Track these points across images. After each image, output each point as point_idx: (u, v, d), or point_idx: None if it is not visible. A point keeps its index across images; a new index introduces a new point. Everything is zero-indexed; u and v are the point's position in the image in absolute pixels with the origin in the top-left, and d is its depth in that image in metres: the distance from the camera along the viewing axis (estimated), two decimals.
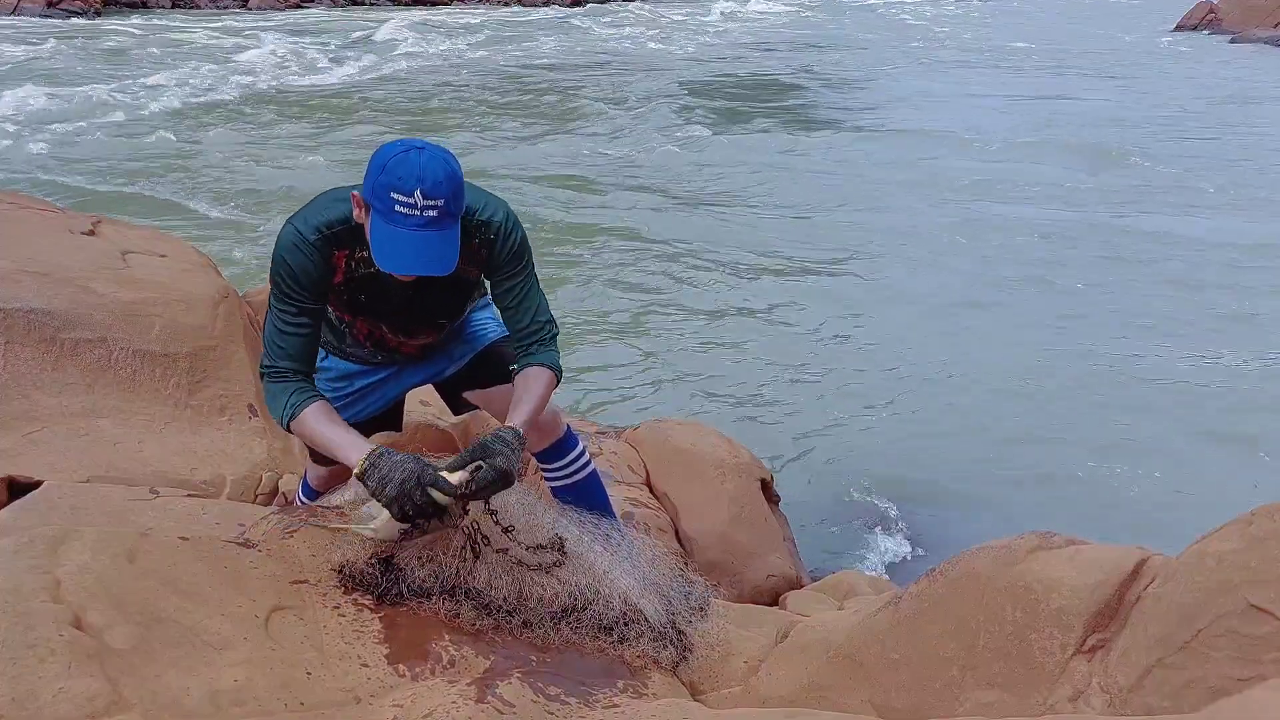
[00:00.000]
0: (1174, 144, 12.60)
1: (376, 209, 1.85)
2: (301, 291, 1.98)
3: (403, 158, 1.84)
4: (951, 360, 6.15)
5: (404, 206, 1.82)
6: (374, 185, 1.85)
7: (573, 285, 7.32)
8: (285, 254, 1.97)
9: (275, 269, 1.98)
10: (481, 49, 20.69)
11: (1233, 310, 6.92)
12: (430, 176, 1.83)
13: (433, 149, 1.87)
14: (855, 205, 9.64)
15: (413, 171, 1.82)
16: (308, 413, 2.00)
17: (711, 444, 3.46)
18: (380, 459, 1.89)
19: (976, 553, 1.86)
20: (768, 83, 17.51)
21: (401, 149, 1.86)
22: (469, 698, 1.65)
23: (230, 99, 14.33)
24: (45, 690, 1.40)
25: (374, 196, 1.85)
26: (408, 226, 1.83)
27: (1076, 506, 4.62)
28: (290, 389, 2.01)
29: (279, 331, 2.01)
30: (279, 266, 1.98)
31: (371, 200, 1.86)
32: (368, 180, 1.87)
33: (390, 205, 1.83)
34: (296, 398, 2.01)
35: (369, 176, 1.87)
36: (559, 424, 2.41)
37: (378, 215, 1.85)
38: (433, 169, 1.84)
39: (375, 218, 1.86)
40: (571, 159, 11.37)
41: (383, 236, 1.85)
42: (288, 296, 1.99)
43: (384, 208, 1.84)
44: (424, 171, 1.83)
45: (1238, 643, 1.44)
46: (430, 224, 1.84)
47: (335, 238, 1.99)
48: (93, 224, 3.56)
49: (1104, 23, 28.58)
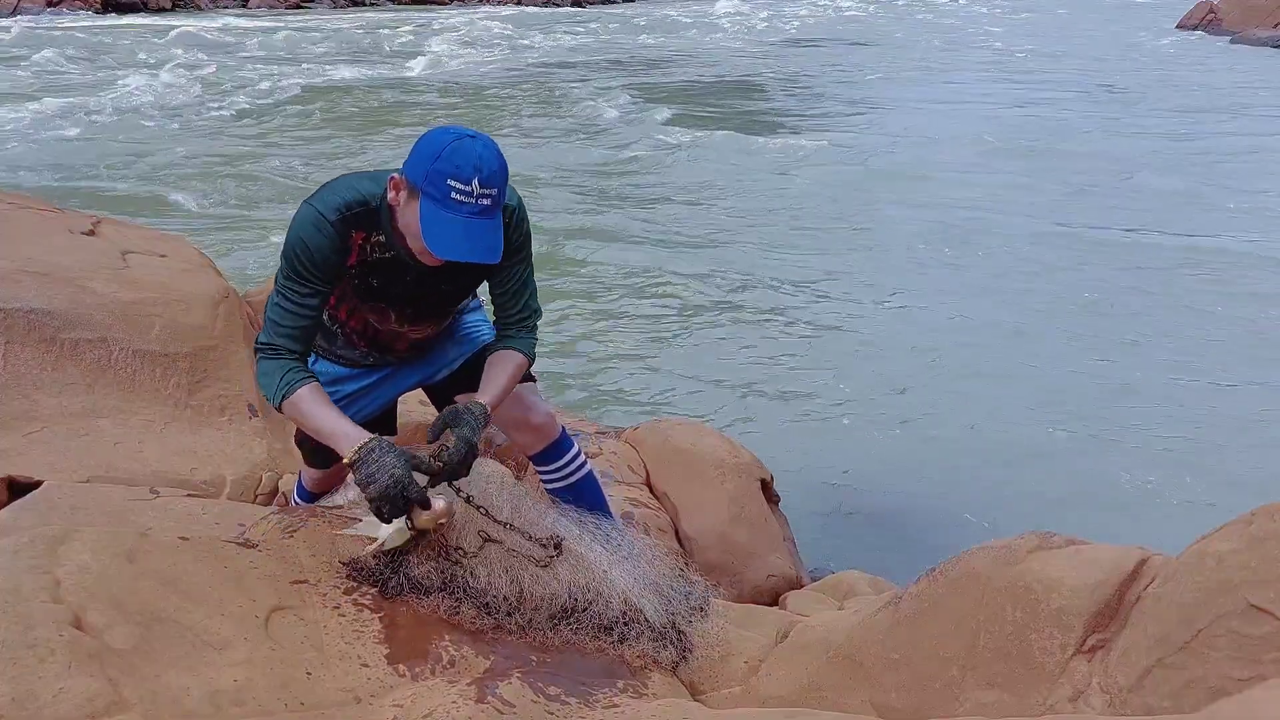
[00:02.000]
0: (1178, 147, 12.60)
1: (430, 195, 1.86)
2: (314, 271, 1.99)
3: (458, 145, 1.85)
4: (951, 361, 6.15)
5: (460, 194, 1.84)
6: (428, 171, 1.85)
7: (573, 285, 7.32)
8: (303, 233, 1.97)
9: (291, 247, 1.98)
10: (483, 49, 20.69)
11: (1233, 312, 6.92)
12: (487, 165, 1.85)
13: (484, 138, 1.90)
14: (856, 205, 9.64)
15: (470, 160, 1.84)
16: (303, 392, 1.99)
17: (711, 444, 3.46)
18: (370, 453, 1.89)
19: (976, 553, 1.86)
20: (767, 83, 17.51)
21: (455, 136, 1.87)
22: (469, 698, 1.65)
23: (230, 99, 14.33)
24: (45, 690, 1.40)
25: (427, 182, 1.85)
26: (462, 214, 1.85)
27: (1076, 507, 4.62)
28: (286, 367, 2.01)
29: (282, 310, 2.01)
30: (295, 245, 1.98)
31: (424, 185, 1.86)
32: (418, 165, 1.88)
33: (446, 192, 1.84)
34: (292, 376, 2.00)
35: (420, 161, 1.87)
36: (555, 426, 2.41)
37: (431, 201, 1.86)
38: (488, 158, 1.86)
39: (427, 203, 1.87)
40: (571, 159, 11.37)
41: (436, 222, 1.86)
42: (300, 276, 1.99)
43: (439, 194, 1.85)
44: (480, 160, 1.85)
45: (1238, 643, 1.44)
46: (483, 212, 1.87)
47: (354, 219, 1.99)
48: (93, 224, 3.57)
49: (1103, 23, 28.58)
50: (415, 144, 1.92)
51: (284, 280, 2.01)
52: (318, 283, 2.00)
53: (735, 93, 16.33)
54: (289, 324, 2.02)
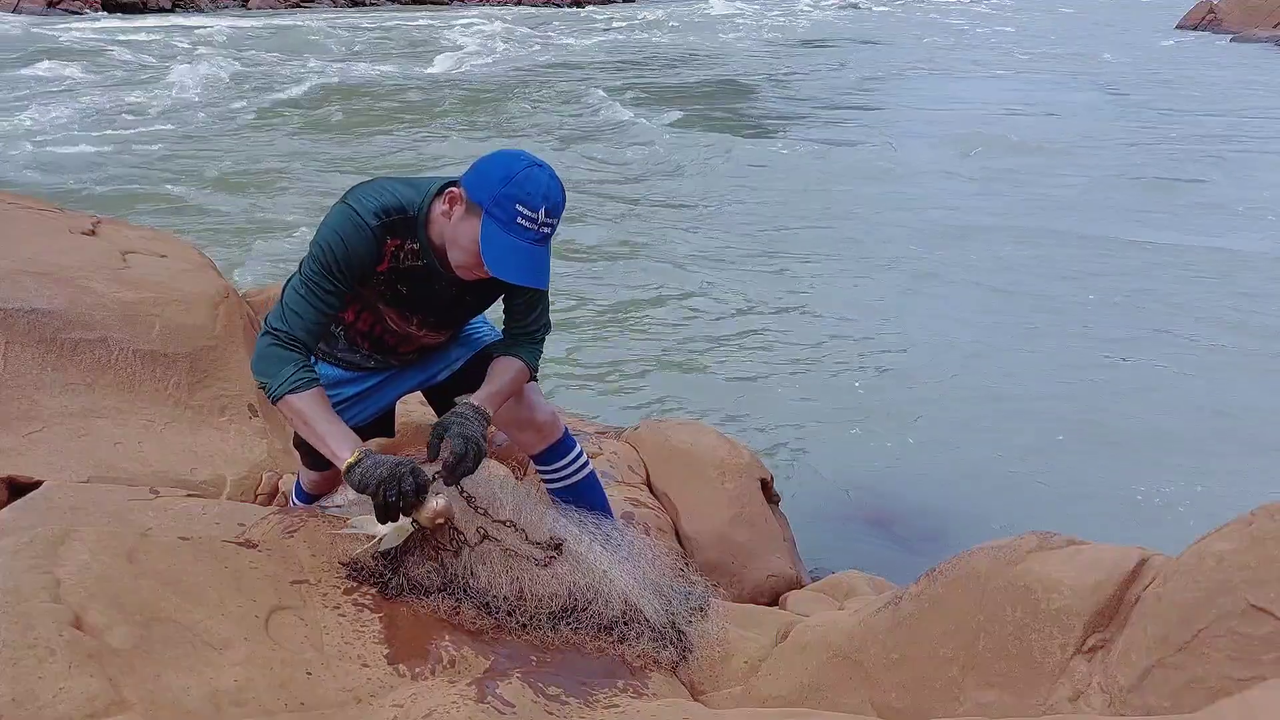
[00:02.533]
0: (1179, 148, 12.60)
1: (495, 216, 1.90)
2: (346, 271, 1.99)
3: (530, 173, 1.91)
4: (952, 361, 6.15)
5: (526, 220, 1.90)
6: (497, 194, 1.90)
7: (573, 285, 7.32)
8: (341, 232, 1.98)
9: (326, 242, 1.98)
10: (484, 49, 20.69)
11: (1230, 314, 6.92)
12: (554, 196, 1.93)
13: (549, 168, 1.96)
14: (857, 207, 9.64)
15: (539, 189, 1.91)
16: (307, 395, 1.97)
17: (711, 444, 3.46)
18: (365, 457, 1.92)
19: (976, 553, 1.86)
20: (767, 82, 17.51)
21: (527, 164, 1.93)
22: (469, 698, 1.65)
23: (231, 99, 14.33)
24: (45, 690, 1.40)
25: (494, 204, 1.90)
26: (525, 239, 1.91)
27: (1077, 506, 4.62)
28: (295, 363, 1.98)
29: (303, 300, 1.99)
30: (331, 242, 1.97)
31: (490, 206, 1.91)
32: (484, 185, 1.92)
33: (513, 216, 1.89)
34: (300, 374, 1.97)
35: (487, 183, 1.92)
36: (556, 426, 2.41)
37: (494, 222, 1.91)
38: (554, 189, 1.93)
39: (491, 223, 1.91)
40: (571, 159, 11.37)
41: (498, 244, 1.91)
42: (329, 273, 1.98)
43: (505, 217, 1.90)
44: (549, 190, 1.92)
45: (1238, 643, 1.44)
46: (543, 240, 1.93)
47: (392, 225, 2.01)
48: (93, 224, 3.57)
49: (1103, 23, 28.57)
50: (481, 163, 1.97)
51: (312, 273, 2.00)
52: (345, 283, 2.01)
53: (735, 92, 16.33)
54: (308, 317, 2.00)
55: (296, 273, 2.05)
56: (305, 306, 2.00)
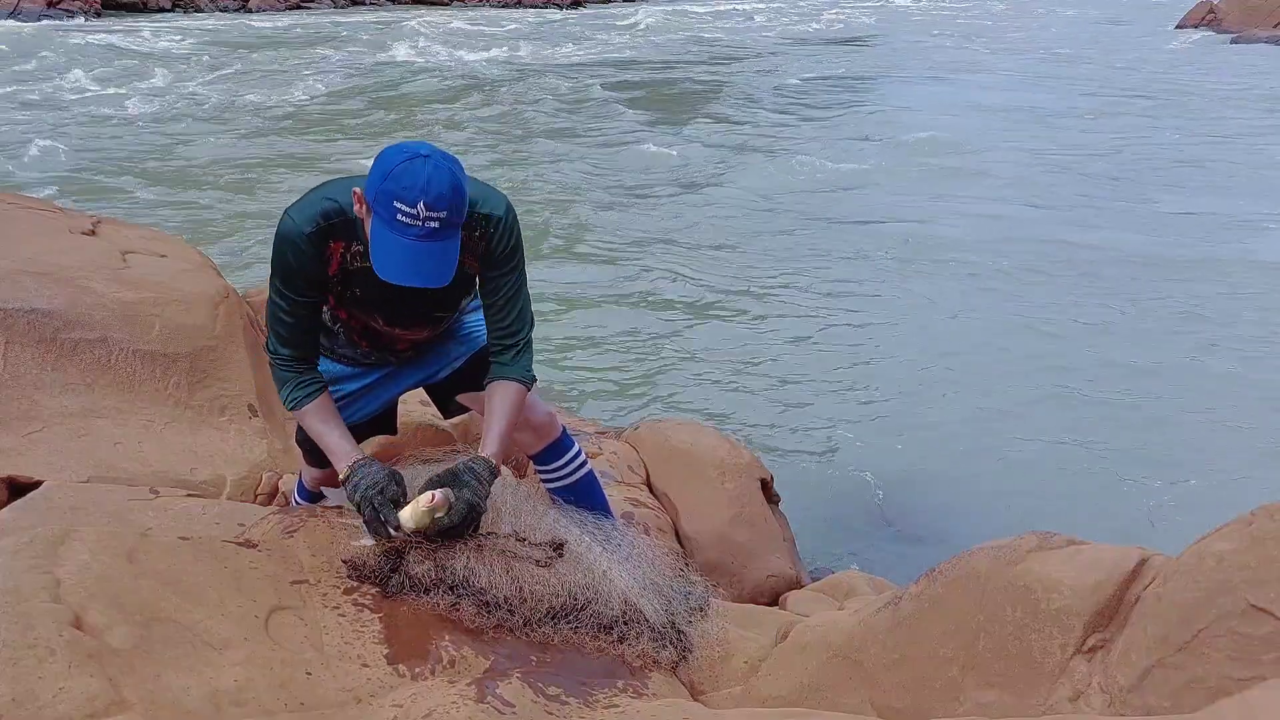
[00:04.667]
0: (1180, 150, 12.60)
1: (379, 214, 1.84)
2: (298, 282, 2.02)
3: (407, 166, 1.81)
4: (952, 362, 6.14)
5: (406, 216, 1.81)
6: (377, 191, 1.83)
7: (573, 285, 7.32)
8: (284, 244, 2.00)
9: (276, 257, 2.02)
10: (485, 49, 20.69)
11: (1234, 315, 6.92)
12: (434, 188, 1.81)
13: (437, 157, 1.84)
14: (857, 208, 9.64)
15: (417, 182, 1.80)
16: (309, 409, 2.09)
17: (711, 444, 3.46)
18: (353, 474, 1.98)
19: (976, 553, 1.86)
20: (768, 84, 17.51)
21: (406, 156, 1.83)
22: (469, 698, 1.65)
23: (231, 100, 14.33)
24: (45, 690, 1.40)
25: (376, 202, 1.84)
26: (408, 236, 1.82)
27: (1076, 506, 4.62)
28: (293, 382, 2.09)
29: (279, 318, 2.06)
30: (277, 256, 2.01)
31: (374, 205, 1.85)
32: (371, 183, 1.86)
33: (393, 214, 1.81)
34: (299, 392, 2.08)
35: (372, 179, 1.85)
36: (555, 425, 2.41)
37: (379, 221, 1.85)
38: (437, 180, 1.81)
39: (376, 223, 1.85)
40: (570, 160, 11.37)
41: (382, 244, 1.84)
42: (287, 285, 2.03)
43: (386, 215, 1.82)
44: (428, 183, 1.80)
45: (1238, 643, 1.44)
46: (431, 235, 1.83)
47: (331, 229, 1.99)
48: (93, 224, 3.57)
49: (1103, 23, 28.57)
50: (376, 159, 1.89)
51: (274, 291, 2.05)
52: (303, 293, 2.03)
53: (735, 93, 16.32)
54: (286, 332, 2.07)
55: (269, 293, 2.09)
56: (280, 323, 2.06)
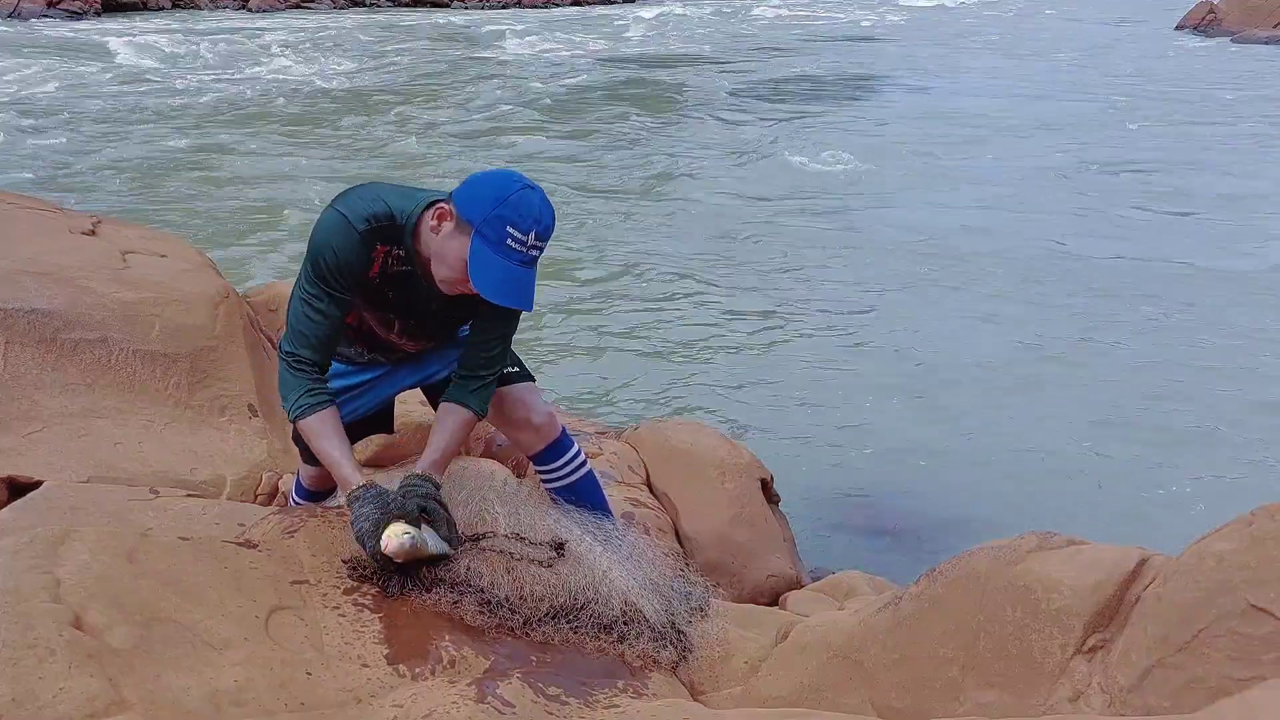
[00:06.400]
0: (1180, 150, 12.60)
1: (485, 236, 1.91)
2: (339, 278, 2.01)
3: (523, 196, 1.93)
4: (952, 362, 6.15)
5: (516, 242, 1.91)
6: (489, 215, 1.91)
7: (572, 285, 7.32)
8: (331, 239, 1.99)
9: (318, 252, 2.00)
10: (485, 49, 20.70)
11: (1230, 314, 6.92)
12: (544, 220, 1.94)
13: (540, 190, 1.98)
14: (857, 210, 9.64)
15: (531, 212, 1.92)
16: (313, 420, 2.04)
17: (711, 444, 3.46)
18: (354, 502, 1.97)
19: (976, 553, 1.86)
20: (768, 83, 17.51)
21: (520, 185, 1.95)
22: (469, 698, 1.65)
23: (233, 100, 14.33)
24: (45, 690, 1.40)
25: (485, 224, 1.91)
26: (513, 261, 1.92)
27: (1076, 506, 4.62)
28: (304, 387, 2.04)
29: (305, 317, 2.03)
30: (322, 250, 1.99)
31: (482, 227, 1.91)
32: (476, 204, 1.93)
33: (503, 237, 1.91)
34: (306, 400, 2.04)
35: (480, 202, 1.92)
36: (554, 426, 2.41)
37: (484, 242, 1.91)
38: (546, 214, 1.95)
39: (480, 243, 1.92)
40: (568, 159, 11.37)
41: (487, 264, 1.92)
42: (324, 282, 2.00)
43: (495, 237, 1.91)
44: (540, 214, 1.94)
45: (1238, 643, 1.44)
46: (530, 263, 1.95)
47: (380, 231, 2.01)
48: (93, 224, 3.57)
49: (1103, 22, 28.57)
50: (473, 181, 1.97)
51: (308, 286, 2.02)
52: (341, 290, 2.02)
53: (734, 93, 16.33)
54: (311, 333, 2.03)
55: (295, 289, 2.06)
56: (307, 322, 2.03)
